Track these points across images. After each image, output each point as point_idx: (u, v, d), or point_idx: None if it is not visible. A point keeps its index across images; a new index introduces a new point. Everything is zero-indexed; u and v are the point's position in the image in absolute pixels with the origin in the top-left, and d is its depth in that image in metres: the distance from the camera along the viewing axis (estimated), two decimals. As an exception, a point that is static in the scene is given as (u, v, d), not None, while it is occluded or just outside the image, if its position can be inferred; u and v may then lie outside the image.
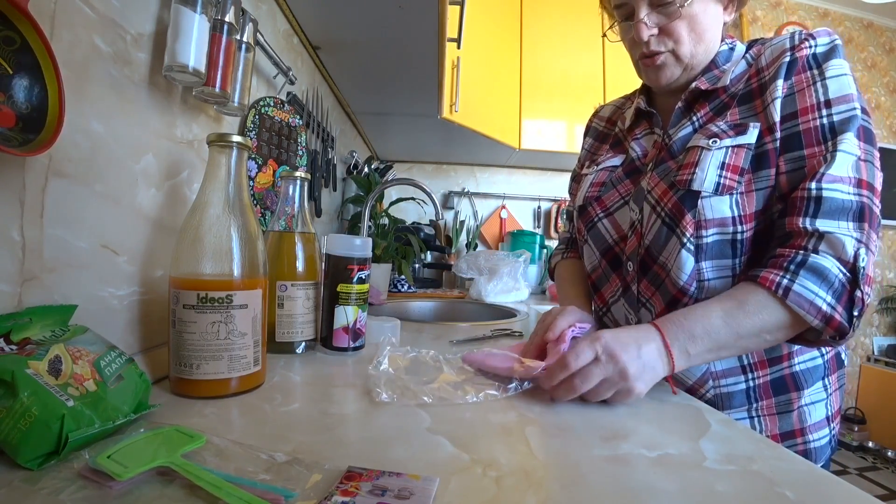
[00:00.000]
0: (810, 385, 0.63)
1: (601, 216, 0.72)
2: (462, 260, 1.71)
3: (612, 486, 0.34)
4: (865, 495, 0.34)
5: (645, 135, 0.73)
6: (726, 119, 0.62)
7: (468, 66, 1.55)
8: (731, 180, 0.58)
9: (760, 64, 0.62)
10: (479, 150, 2.11)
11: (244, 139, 0.51)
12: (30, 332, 0.36)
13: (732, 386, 0.63)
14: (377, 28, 1.08)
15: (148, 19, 0.54)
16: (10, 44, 0.35)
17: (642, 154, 0.71)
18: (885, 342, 2.98)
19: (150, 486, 0.31)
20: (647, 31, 0.63)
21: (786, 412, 0.63)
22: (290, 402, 0.48)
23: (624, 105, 0.83)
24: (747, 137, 0.59)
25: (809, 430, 0.63)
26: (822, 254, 0.52)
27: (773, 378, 0.63)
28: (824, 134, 0.55)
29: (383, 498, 0.29)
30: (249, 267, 0.50)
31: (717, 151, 0.59)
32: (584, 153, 0.87)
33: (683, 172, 0.61)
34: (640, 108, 0.73)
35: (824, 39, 0.59)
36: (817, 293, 0.51)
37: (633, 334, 0.52)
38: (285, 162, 0.96)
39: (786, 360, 0.63)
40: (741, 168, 0.58)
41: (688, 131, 0.65)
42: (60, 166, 0.42)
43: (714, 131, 0.61)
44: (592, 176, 0.76)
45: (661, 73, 0.66)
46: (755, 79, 0.62)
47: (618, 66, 2.07)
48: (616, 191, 0.71)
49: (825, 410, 0.65)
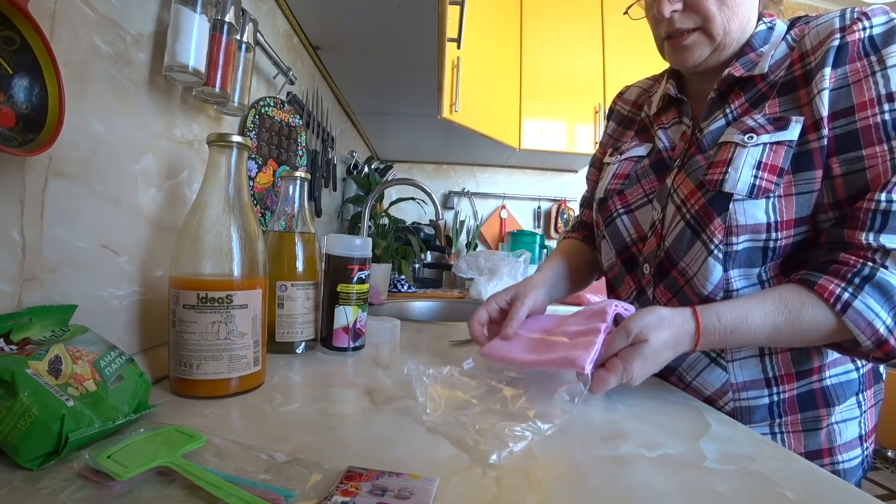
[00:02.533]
0: (842, 401, 0.58)
1: (621, 212, 0.67)
2: (462, 260, 1.71)
3: (612, 486, 0.34)
4: (865, 495, 0.34)
5: (672, 124, 0.67)
6: (764, 112, 0.55)
7: (468, 66, 1.55)
8: (769, 182, 0.52)
9: (804, 47, 0.55)
10: (479, 150, 2.11)
11: (244, 139, 0.51)
12: (30, 332, 0.36)
13: (754, 400, 0.58)
14: (377, 28, 1.08)
15: (148, 19, 0.54)
16: (10, 44, 0.35)
17: (670, 146, 0.65)
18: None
19: (150, 486, 0.31)
20: (669, 6, 0.57)
21: (813, 430, 0.57)
22: (290, 402, 0.48)
23: (652, 88, 0.77)
24: (788, 133, 0.52)
25: (839, 451, 0.58)
26: (891, 270, 0.47)
27: (800, 392, 0.57)
28: (888, 132, 0.49)
29: (383, 498, 0.29)
30: (249, 267, 0.50)
31: (752, 149, 0.53)
32: (607, 138, 0.81)
33: (714, 171, 0.55)
34: (669, 94, 0.67)
35: (881, 19, 0.51)
36: (878, 314, 0.46)
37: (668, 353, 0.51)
38: (285, 162, 0.96)
39: (816, 373, 0.57)
40: (780, 168, 0.52)
41: (720, 124, 0.59)
42: (60, 166, 0.42)
43: (750, 125, 0.55)
44: (616, 166, 0.71)
45: (687, 55, 0.59)
46: (798, 65, 0.55)
47: (618, 66, 2.07)
48: (640, 186, 0.66)
49: (858, 429, 0.59)
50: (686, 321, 0.51)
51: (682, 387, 0.62)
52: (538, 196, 2.45)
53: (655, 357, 0.50)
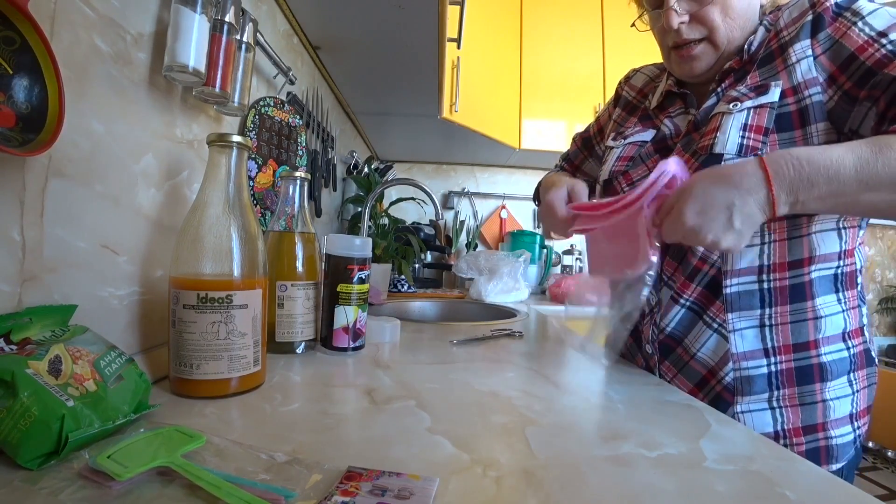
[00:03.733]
0: (834, 378, 0.61)
1: (627, 190, 0.69)
2: (462, 260, 1.71)
3: (612, 486, 0.34)
4: (865, 495, 0.34)
5: (679, 114, 0.70)
6: (746, 83, 0.60)
7: (468, 66, 1.55)
8: (755, 140, 0.56)
9: (779, 26, 0.60)
10: (479, 150, 2.11)
11: (244, 139, 0.51)
12: (30, 332, 0.36)
13: (754, 369, 0.61)
14: (377, 28, 1.08)
15: (148, 19, 0.54)
16: (10, 44, 0.35)
17: (675, 132, 0.69)
18: (885, 342, 2.98)
19: (150, 486, 0.31)
20: (678, 18, 0.60)
21: (809, 403, 0.61)
22: (290, 402, 0.48)
23: (658, 77, 0.80)
24: (769, 97, 0.57)
25: (832, 426, 0.61)
26: None
27: (797, 366, 0.60)
28: None
29: (383, 498, 0.29)
30: (249, 267, 0.50)
31: (738, 114, 0.58)
32: (610, 121, 0.84)
33: (705, 139, 0.59)
34: (672, 90, 0.71)
35: None
36: None
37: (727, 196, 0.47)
38: (285, 162, 0.96)
39: (812, 347, 0.60)
40: (765, 128, 0.56)
41: (712, 102, 0.64)
42: (60, 166, 0.42)
43: (734, 96, 0.60)
44: (619, 150, 0.74)
45: (695, 64, 0.63)
46: (774, 40, 0.60)
47: (618, 66, 2.07)
48: (645, 165, 0.70)
49: (850, 407, 0.62)
50: (740, 164, 0.49)
51: (688, 359, 0.65)
52: (538, 196, 2.44)
53: (707, 197, 0.47)
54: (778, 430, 0.61)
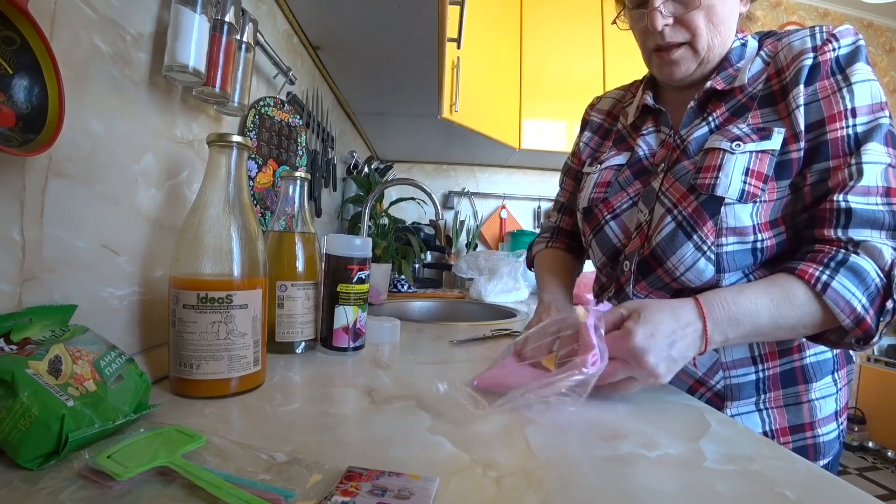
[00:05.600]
0: (819, 378, 0.62)
1: (608, 218, 0.69)
2: (462, 260, 1.71)
3: (612, 486, 0.34)
4: (865, 495, 0.34)
5: (651, 132, 0.70)
6: (748, 122, 0.60)
7: (468, 66, 1.55)
8: (756, 188, 0.56)
9: (779, 63, 0.60)
10: (479, 150, 2.11)
11: (244, 139, 0.51)
12: (30, 332, 0.36)
13: (742, 377, 0.62)
14: (377, 28, 1.08)
15: (148, 19, 0.54)
16: (10, 44, 0.35)
17: (650, 153, 0.68)
18: (885, 342, 2.98)
19: (150, 486, 0.31)
20: (663, 20, 0.59)
21: (794, 405, 0.62)
22: (290, 402, 0.48)
23: (624, 98, 0.80)
24: (772, 143, 0.57)
25: (819, 424, 0.62)
26: (861, 256, 0.51)
27: (783, 370, 0.62)
28: (849, 146, 0.54)
29: (383, 498, 0.29)
30: (249, 267, 0.50)
31: (740, 156, 0.57)
32: (583, 147, 0.83)
33: (705, 176, 0.58)
34: (647, 104, 0.70)
35: (848, 41, 0.57)
36: (854, 293, 0.49)
37: (671, 325, 0.49)
38: (285, 162, 0.96)
39: (796, 351, 0.62)
40: (765, 175, 0.56)
41: (703, 131, 0.63)
42: (60, 166, 0.42)
43: (736, 134, 0.59)
44: (596, 175, 0.73)
45: (675, 69, 0.63)
46: (776, 80, 0.60)
47: (618, 66, 2.07)
48: (624, 192, 0.68)
49: (834, 405, 0.64)
50: (679, 301, 0.52)
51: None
52: (538, 196, 2.44)
53: (655, 325, 0.48)
54: (766, 431, 0.62)
